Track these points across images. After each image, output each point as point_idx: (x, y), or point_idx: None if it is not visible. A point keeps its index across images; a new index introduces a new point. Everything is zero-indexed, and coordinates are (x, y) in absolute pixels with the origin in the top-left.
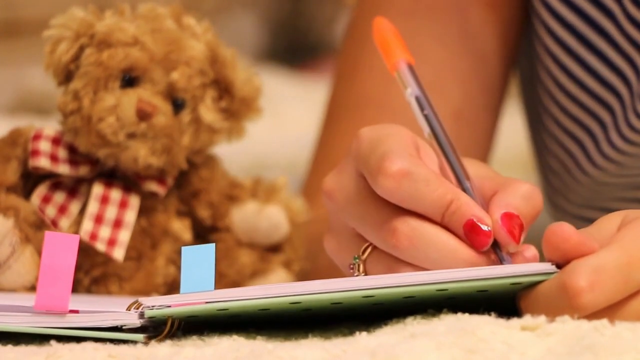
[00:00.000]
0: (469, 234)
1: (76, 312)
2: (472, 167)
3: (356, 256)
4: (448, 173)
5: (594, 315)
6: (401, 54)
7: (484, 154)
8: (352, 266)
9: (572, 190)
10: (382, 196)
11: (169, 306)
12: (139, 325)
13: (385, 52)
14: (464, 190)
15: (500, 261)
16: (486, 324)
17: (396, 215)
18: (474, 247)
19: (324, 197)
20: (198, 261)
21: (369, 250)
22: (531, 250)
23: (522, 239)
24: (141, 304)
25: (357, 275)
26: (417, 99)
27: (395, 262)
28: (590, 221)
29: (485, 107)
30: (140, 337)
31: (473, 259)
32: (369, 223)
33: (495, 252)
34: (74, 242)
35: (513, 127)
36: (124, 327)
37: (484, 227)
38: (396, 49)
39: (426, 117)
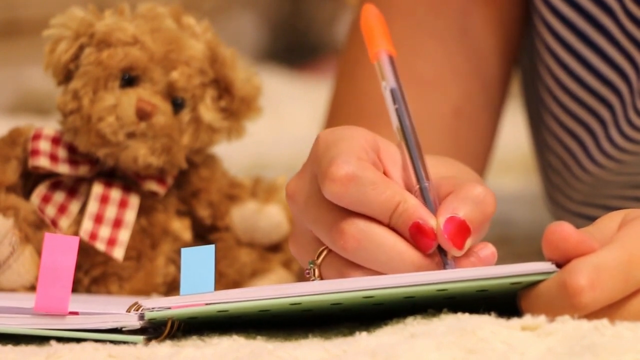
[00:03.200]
0: (415, 236)
1: (76, 314)
2: (438, 165)
3: (311, 261)
4: (410, 171)
5: (594, 314)
6: (384, 45)
7: (484, 152)
8: (308, 271)
9: (572, 188)
10: (330, 200)
11: (169, 308)
12: (139, 327)
13: (369, 40)
14: (422, 189)
15: (444, 265)
16: (486, 324)
17: (345, 218)
18: (420, 250)
19: (287, 200)
20: (198, 262)
21: (324, 254)
22: (488, 249)
23: (467, 243)
24: (141, 306)
25: (313, 280)
26: (392, 92)
27: (346, 266)
28: (590, 219)
29: (486, 106)
30: (139, 338)
31: (420, 261)
32: (321, 225)
33: (440, 255)
34: (73, 243)
35: (514, 126)
36: (123, 329)
37: (429, 230)
38: (380, 38)
39: (397, 111)
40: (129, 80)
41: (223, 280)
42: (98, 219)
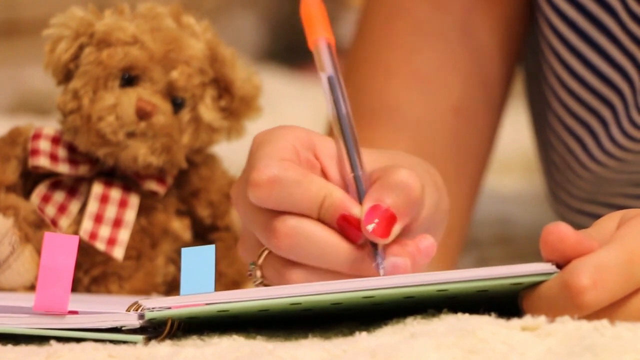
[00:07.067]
0: (343, 228)
1: (75, 313)
2: (380, 158)
3: (252, 262)
4: (344, 162)
5: (595, 313)
6: (323, 32)
7: (484, 150)
8: (249, 272)
9: (574, 186)
10: (257, 205)
11: (169, 308)
12: (139, 326)
13: (308, 28)
14: (355, 178)
15: (374, 256)
16: (486, 324)
17: (276, 216)
18: (350, 241)
19: (233, 204)
20: (198, 263)
21: (264, 254)
22: (427, 240)
23: (394, 230)
24: (141, 305)
25: (255, 282)
26: (330, 80)
27: (284, 265)
28: (593, 216)
29: (486, 104)
30: (139, 338)
31: (353, 252)
32: (256, 226)
33: (370, 245)
34: (73, 243)
35: (514, 125)
36: (123, 328)
37: (355, 221)
38: (319, 26)
39: (334, 100)
40: (129, 79)
41: (223, 280)
42: (98, 219)
